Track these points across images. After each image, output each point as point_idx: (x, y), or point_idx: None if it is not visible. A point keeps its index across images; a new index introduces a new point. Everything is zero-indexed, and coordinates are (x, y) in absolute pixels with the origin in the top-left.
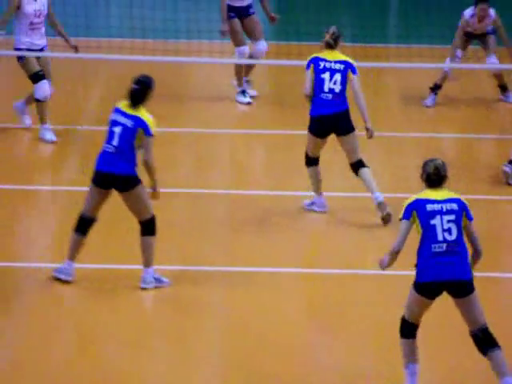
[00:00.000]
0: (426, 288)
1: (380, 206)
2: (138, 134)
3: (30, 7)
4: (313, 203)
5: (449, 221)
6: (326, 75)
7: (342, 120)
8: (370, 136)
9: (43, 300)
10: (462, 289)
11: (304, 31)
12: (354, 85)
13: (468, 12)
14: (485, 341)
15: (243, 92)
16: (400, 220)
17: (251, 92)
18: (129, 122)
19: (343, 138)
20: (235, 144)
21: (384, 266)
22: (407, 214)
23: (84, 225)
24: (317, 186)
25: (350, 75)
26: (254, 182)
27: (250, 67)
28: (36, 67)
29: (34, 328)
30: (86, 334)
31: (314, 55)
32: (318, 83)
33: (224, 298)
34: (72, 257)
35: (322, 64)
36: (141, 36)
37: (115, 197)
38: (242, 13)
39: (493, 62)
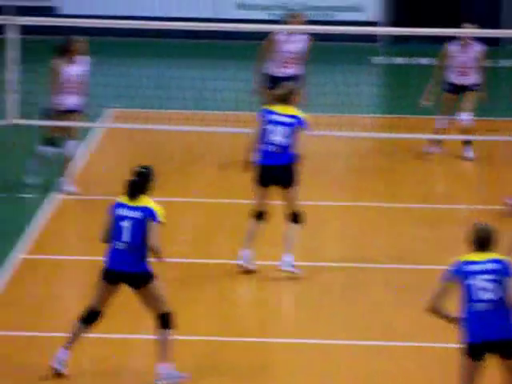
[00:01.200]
0: (473, 348)
1: (284, 270)
2: (149, 225)
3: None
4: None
5: (489, 280)
6: (274, 127)
7: (284, 172)
8: None
9: None
10: (507, 349)
11: None
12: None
13: None
14: None
15: None
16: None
17: None
18: (137, 214)
19: (283, 191)
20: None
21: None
22: (449, 276)
23: (91, 318)
24: (248, 240)
25: (300, 130)
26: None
27: None
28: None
29: None
30: None
31: (266, 107)
32: (265, 134)
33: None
34: (69, 346)
35: (271, 116)
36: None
37: None
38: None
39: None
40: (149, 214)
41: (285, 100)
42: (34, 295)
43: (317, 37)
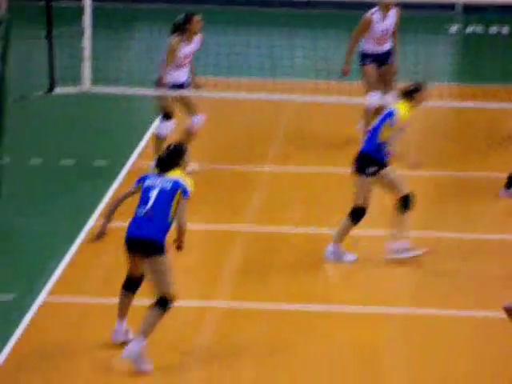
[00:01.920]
0: None
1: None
2: (176, 198)
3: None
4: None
5: None
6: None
7: None
8: None
9: None
10: None
11: None
12: None
13: None
14: None
15: None
16: None
17: None
18: (168, 185)
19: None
20: None
21: None
22: None
23: (130, 283)
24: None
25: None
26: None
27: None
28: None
29: None
30: None
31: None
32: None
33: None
34: (122, 315)
35: None
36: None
37: None
38: (381, 59)
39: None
40: (179, 186)
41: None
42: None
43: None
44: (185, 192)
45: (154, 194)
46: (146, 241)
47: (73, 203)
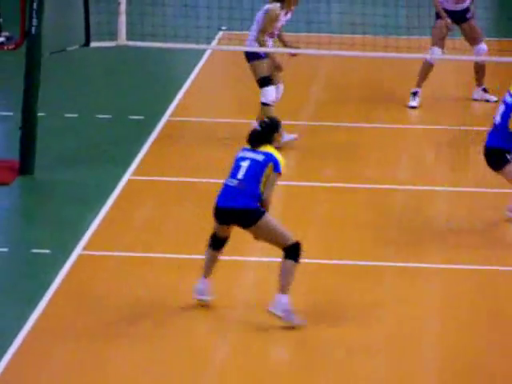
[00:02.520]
0: None
1: None
2: (267, 170)
3: None
4: None
5: None
6: None
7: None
8: None
9: None
10: None
11: None
12: None
13: None
14: None
15: (415, 94)
16: None
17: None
18: (259, 157)
19: None
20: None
21: None
22: None
23: (217, 242)
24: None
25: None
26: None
27: (479, 73)
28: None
29: None
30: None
31: None
32: None
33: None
34: (206, 274)
35: None
36: (361, 32)
37: None
38: (458, 17)
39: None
40: (271, 159)
41: None
42: (142, 217)
43: None
44: (276, 167)
45: (245, 165)
46: (242, 211)
47: (108, 158)
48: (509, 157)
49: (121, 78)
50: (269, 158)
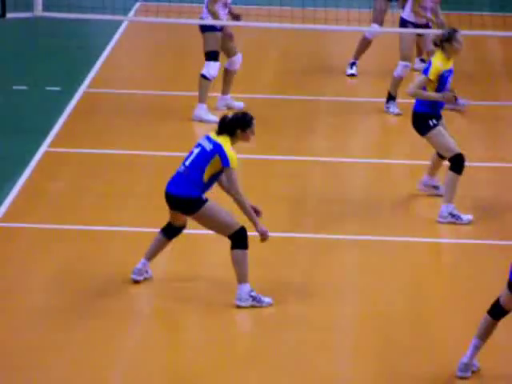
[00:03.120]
0: None
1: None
2: (214, 161)
3: None
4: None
5: None
6: None
7: None
8: None
9: None
10: None
11: None
12: None
13: None
14: None
15: (352, 64)
16: None
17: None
18: (209, 146)
19: None
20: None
21: None
22: None
23: (170, 231)
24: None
25: None
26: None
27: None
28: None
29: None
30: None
31: None
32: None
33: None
34: (149, 257)
35: None
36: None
37: None
38: None
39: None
40: (219, 151)
41: None
42: (58, 189)
43: None
44: (223, 160)
45: (195, 152)
46: (182, 199)
47: (24, 129)
48: (431, 123)
49: (37, 50)
50: (217, 149)
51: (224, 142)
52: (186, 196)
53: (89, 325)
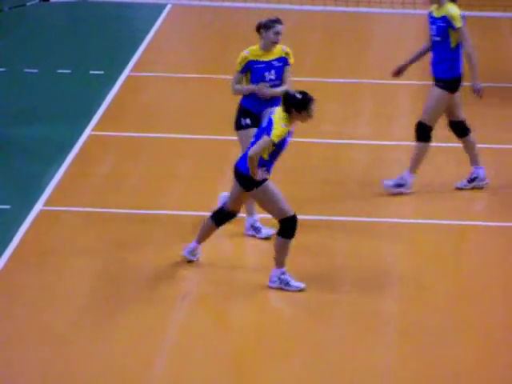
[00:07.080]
0: None
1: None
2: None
3: None
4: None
5: None
6: None
7: None
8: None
9: None
10: None
11: None
12: None
13: None
14: None
15: None
16: None
17: None
18: (266, 124)
19: None
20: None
21: None
22: None
23: (221, 216)
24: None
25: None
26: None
27: None
28: None
29: None
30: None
31: None
32: None
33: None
34: (200, 240)
35: None
36: None
37: None
38: None
39: None
40: (267, 130)
41: None
42: (103, 172)
43: None
44: (268, 132)
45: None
46: (244, 174)
47: (69, 113)
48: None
49: (80, 34)
50: (269, 125)
51: (277, 118)
52: (246, 172)
53: (134, 310)
